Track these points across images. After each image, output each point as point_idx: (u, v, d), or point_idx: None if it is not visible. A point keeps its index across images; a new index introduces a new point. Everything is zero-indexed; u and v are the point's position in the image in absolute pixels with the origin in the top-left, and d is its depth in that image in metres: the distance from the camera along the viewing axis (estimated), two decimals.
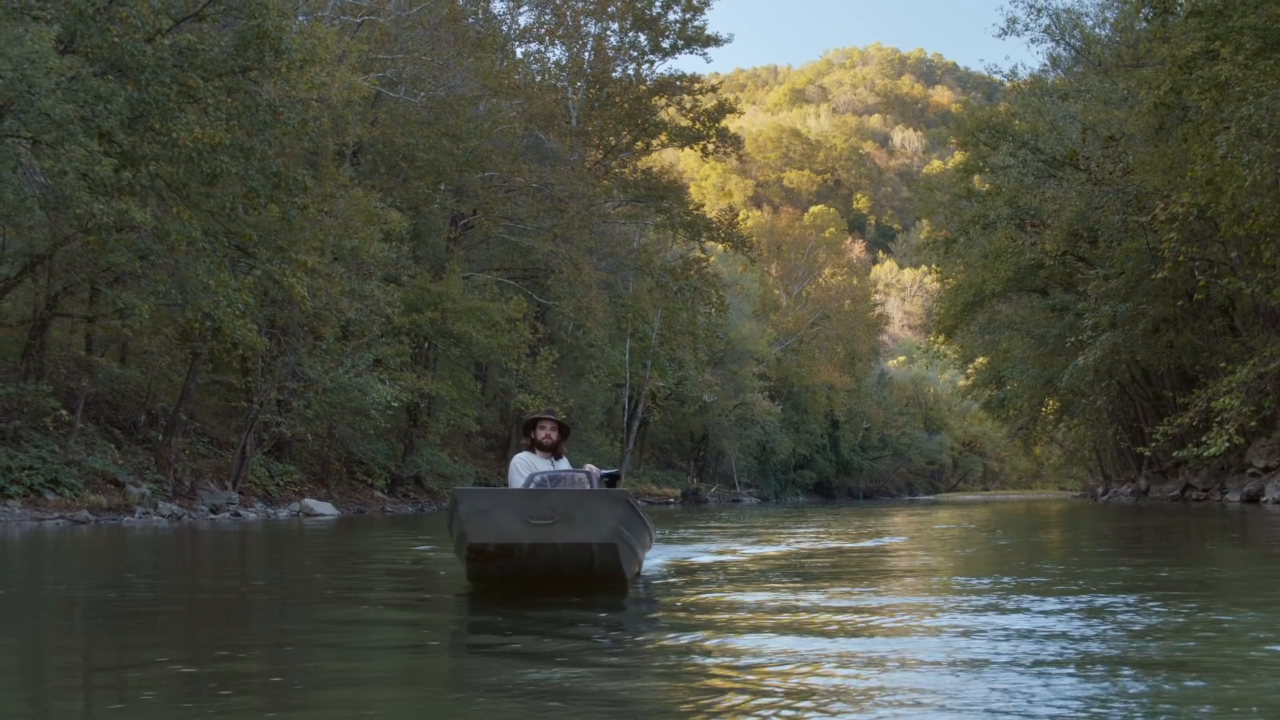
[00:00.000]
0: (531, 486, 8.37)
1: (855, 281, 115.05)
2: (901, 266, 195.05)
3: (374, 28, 38.51)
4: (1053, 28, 45.01)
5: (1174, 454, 33.37)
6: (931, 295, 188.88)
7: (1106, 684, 4.61)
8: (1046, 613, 6.98)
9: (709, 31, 59.02)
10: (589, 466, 9.25)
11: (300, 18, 28.87)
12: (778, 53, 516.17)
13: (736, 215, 69.04)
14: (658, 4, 58.06)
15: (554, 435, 9.74)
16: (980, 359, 70.90)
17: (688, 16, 58.60)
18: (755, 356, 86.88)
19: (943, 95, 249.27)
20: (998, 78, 56.74)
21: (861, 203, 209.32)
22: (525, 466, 9.38)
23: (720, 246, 65.61)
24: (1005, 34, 50.20)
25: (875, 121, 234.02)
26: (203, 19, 23.24)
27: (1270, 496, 34.93)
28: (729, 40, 60.40)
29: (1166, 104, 26.94)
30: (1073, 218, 39.07)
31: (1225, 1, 22.77)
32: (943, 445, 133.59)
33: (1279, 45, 22.81)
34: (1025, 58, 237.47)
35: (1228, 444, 28.35)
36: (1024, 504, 51.97)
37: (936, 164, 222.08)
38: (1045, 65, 51.46)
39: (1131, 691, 4.44)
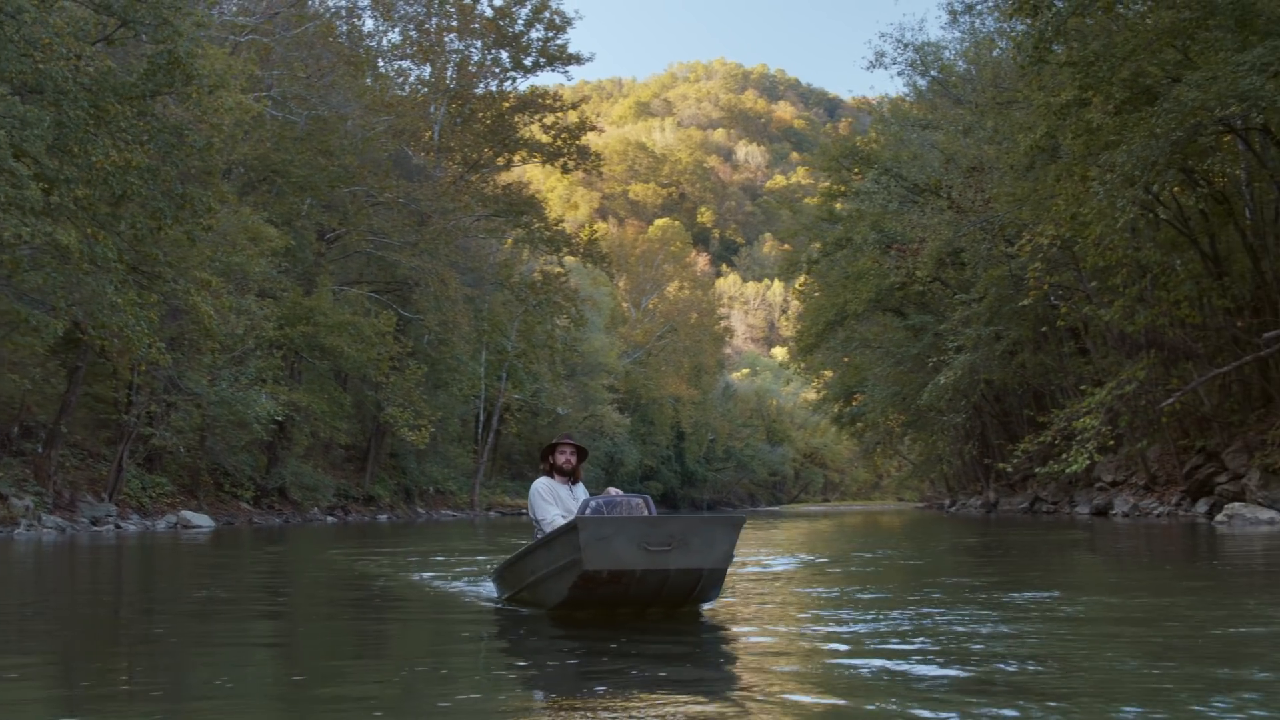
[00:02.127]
0: (587, 512, 8.52)
1: (701, 295, 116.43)
2: (745, 280, 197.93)
3: (258, 47, 38.58)
4: (918, 62, 46.79)
5: (1036, 470, 35.06)
6: (775, 308, 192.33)
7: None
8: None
9: (570, 50, 59.55)
10: (612, 490, 9.32)
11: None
12: (623, 65, 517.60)
13: (596, 231, 70.15)
14: (520, 22, 58.62)
15: (573, 460, 9.69)
16: (827, 371, 72.86)
17: (550, 35, 59.23)
18: (605, 369, 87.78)
19: (785, 111, 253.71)
20: (865, 106, 58.65)
21: (706, 216, 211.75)
22: (549, 491, 9.44)
23: (571, 259, 66.33)
24: (874, 67, 51.92)
25: (719, 136, 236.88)
26: (113, 43, 23.38)
27: (1118, 510, 37.03)
28: (590, 59, 61.55)
29: (1040, 146, 28.55)
30: (941, 246, 40.82)
31: (1096, 54, 24.40)
32: (785, 457, 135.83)
33: (1145, 96, 24.54)
34: (888, 87, 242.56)
35: (1088, 461, 30.04)
36: (883, 515, 53.35)
37: (779, 179, 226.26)
38: (908, 93, 53.35)
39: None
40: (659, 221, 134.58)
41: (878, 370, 56.01)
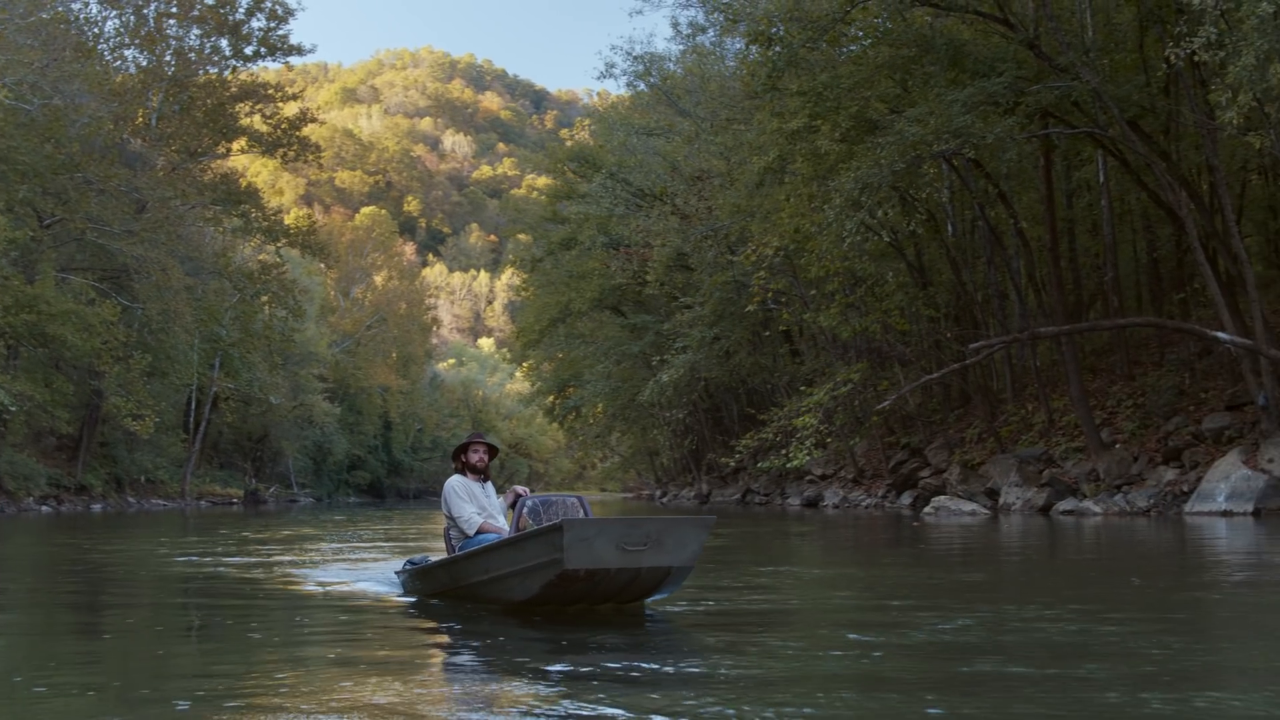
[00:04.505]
0: (524, 512, 9.17)
1: (409, 284, 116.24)
2: (451, 270, 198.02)
3: None
4: (645, 72, 48.70)
5: (760, 465, 37.38)
6: (481, 299, 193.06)
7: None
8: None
9: (292, 40, 59.20)
10: (518, 487, 9.87)
11: None
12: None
13: (313, 221, 69.90)
14: (240, 10, 57.92)
15: (485, 458, 10.04)
16: (529, 363, 74.68)
17: (271, 25, 58.68)
18: (316, 358, 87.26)
19: (492, 101, 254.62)
20: (581, 105, 60.48)
21: (413, 205, 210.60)
22: (464, 489, 9.84)
23: (291, 250, 65.92)
24: (604, 77, 53.58)
25: (426, 124, 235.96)
26: None
27: (829, 501, 39.76)
28: (312, 50, 60.90)
29: (772, 168, 30.65)
30: (672, 253, 42.85)
31: (825, 85, 26.50)
32: None
33: (867, 126, 26.80)
34: (595, 85, 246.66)
35: (808, 457, 32.40)
36: (597, 505, 54.95)
37: (486, 169, 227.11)
38: (628, 93, 55.29)
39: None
40: (366, 209, 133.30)
41: (598, 367, 57.77)
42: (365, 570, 13.38)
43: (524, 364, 76.71)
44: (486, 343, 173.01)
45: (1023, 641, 7.01)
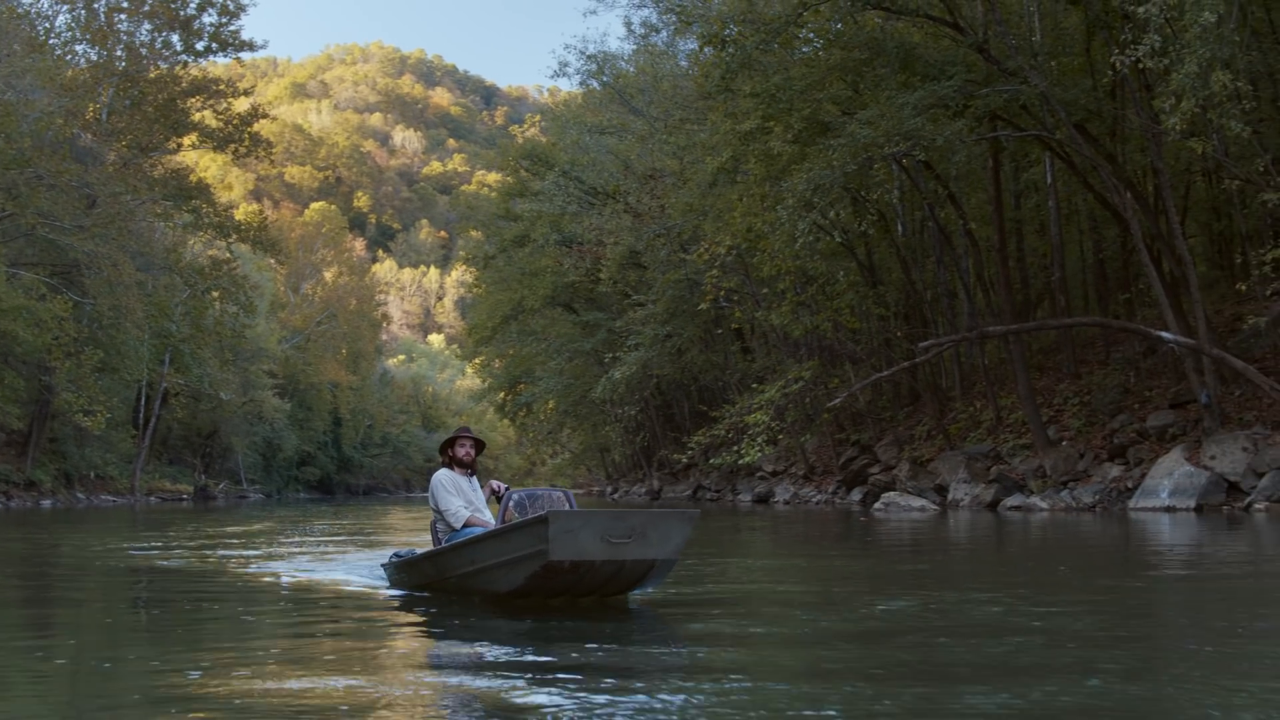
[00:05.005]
0: (510, 505, 9.28)
1: (359, 280, 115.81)
2: (401, 266, 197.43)
3: None
4: (598, 71, 48.96)
5: (712, 461, 37.76)
6: (431, 295, 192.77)
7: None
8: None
9: (243, 36, 59.02)
10: (494, 482, 10.06)
11: None
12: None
13: (265, 217, 69.69)
14: (192, 6, 57.67)
15: (472, 452, 10.13)
16: (480, 359, 74.78)
17: (223, 21, 58.46)
18: (266, 354, 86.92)
19: (442, 97, 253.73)
20: (542, 95, 60.63)
21: (362, 201, 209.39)
22: (451, 483, 9.91)
23: (242, 246, 65.73)
24: (558, 75, 53.86)
25: (376, 120, 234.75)
26: None
27: (780, 497, 40.16)
28: (264, 45, 60.78)
29: (725, 169, 31.04)
30: (624, 251, 43.16)
31: (778, 87, 26.86)
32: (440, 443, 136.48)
33: (819, 127, 27.17)
34: (546, 80, 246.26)
35: (760, 453, 32.80)
36: None
37: (436, 165, 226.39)
38: (581, 90, 55.45)
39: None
40: (315, 205, 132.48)
41: (550, 364, 57.93)
42: (342, 563, 13.49)
43: (475, 360, 76.67)
44: (436, 339, 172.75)
45: (953, 622, 7.76)
